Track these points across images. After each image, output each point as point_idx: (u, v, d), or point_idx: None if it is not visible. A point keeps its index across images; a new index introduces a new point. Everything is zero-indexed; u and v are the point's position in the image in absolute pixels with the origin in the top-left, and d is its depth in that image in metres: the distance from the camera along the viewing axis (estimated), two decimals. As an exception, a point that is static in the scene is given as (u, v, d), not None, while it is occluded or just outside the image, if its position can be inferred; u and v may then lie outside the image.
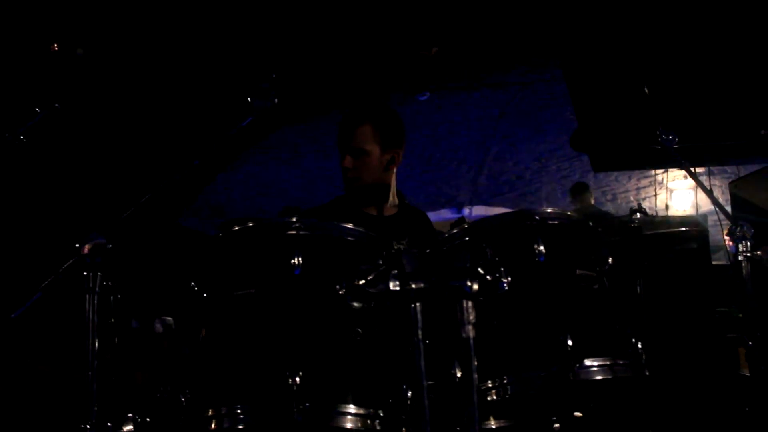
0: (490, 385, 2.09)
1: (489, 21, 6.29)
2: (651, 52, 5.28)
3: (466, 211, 11.44)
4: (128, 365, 2.49)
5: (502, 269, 1.98)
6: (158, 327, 3.95)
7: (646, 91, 4.85)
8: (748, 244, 2.65)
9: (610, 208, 10.33)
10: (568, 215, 2.28)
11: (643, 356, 2.21)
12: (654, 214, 8.34)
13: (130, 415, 2.00)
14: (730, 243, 2.72)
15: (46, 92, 2.57)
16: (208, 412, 1.96)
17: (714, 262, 5.83)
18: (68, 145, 3.57)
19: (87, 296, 1.90)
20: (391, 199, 3.10)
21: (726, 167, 8.85)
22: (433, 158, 11.21)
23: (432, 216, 3.32)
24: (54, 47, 2.73)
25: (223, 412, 1.94)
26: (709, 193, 3.02)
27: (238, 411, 1.93)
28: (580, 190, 8.53)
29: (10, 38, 3.45)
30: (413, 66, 7.13)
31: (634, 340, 2.21)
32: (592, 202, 8.67)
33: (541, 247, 2.13)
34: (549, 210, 2.24)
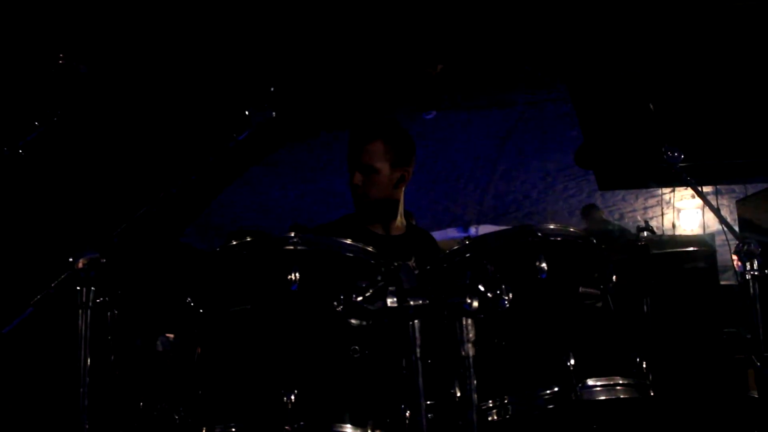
0: (490, 405, 2.05)
1: (495, 39, 6.29)
2: (657, 69, 5.26)
3: (472, 230, 11.39)
4: (124, 380, 2.45)
5: (503, 286, 1.94)
6: (159, 345, 3.92)
7: (652, 107, 4.82)
8: (756, 263, 2.60)
9: (618, 226, 10.27)
10: (571, 231, 2.24)
11: (649, 376, 2.17)
12: (661, 233, 8.29)
13: (121, 433, 1.97)
14: (738, 263, 2.67)
15: (45, 106, 2.55)
16: (201, 430, 1.92)
17: (722, 283, 5.77)
18: (64, 158, 3.56)
19: (80, 311, 1.87)
20: (399, 218, 3.08)
21: (734, 186, 8.80)
22: (440, 177, 11.19)
23: (438, 235, 3.29)
24: (59, 60, 2.72)
25: (217, 430, 1.91)
26: (716, 211, 2.98)
27: (233, 429, 1.90)
28: (588, 211, 8.52)
29: (11, 52, 3.46)
30: (418, 84, 7.13)
31: (639, 359, 2.16)
32: (604, 217, 8.65)
33: (543, 264, 2.09)
34: (551, 226, 2.20)
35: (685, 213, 9.81)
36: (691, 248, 4.69)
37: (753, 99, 5.36)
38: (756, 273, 2.60)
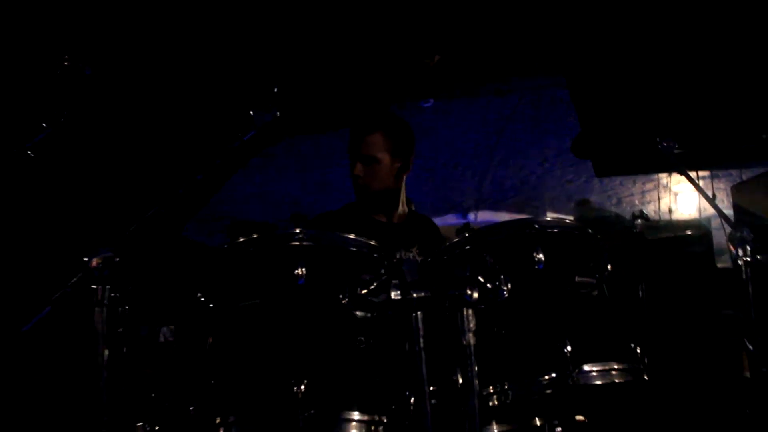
0: (491, 391, 2.12)
1: (492, 27, 6.32)
2: (652, 56, 5.30)
3: (471, 216, 11.44)
4: (137, 373, 2.52)
5: (502, 277, 2.02)
6: (162, 336, 3.99)
7: (648, 95, 4.87)
8: (749, 248, 2.67)
9: (614, 212, 10.30)
10: (567, 223, 2.31)
11: (644, 361, 2.24)
12: (658, 218, 8.34)
13: (139, 424, 2.04)
14: (733, 248, 2.73)
15: (53, 107, 2.61)
16: (215, 420, 1.99)
17: (719, 265, 5.83)
18: (75, 160, 3.62)
19: (96, 309, 1.93)
20: (400, 206, 3.14)
21: (731, 170, 8.83)
22: (438, 164, 11.22)
23: (437, 222, 3.36)
24: (64, 62, 2.77)
25: (231, 420, 1.98)
26: (710, 200, 3.04)
27: (245, 419, 1.97)
28: (581, 207, 8.60)
29: (16, 54, 3.50)
30: (416, 74, 7.16)
31: (633, 345, 2.24)
32: (598, 207, 8.70)
33: (540, 255, 2.16)
34: (548, 218, 2.28)
35: (682, 196, 9.83)
36: (687, 233, 4.76)
37: (749, 84, 5.39)
38: (748, 258, 2.66)
